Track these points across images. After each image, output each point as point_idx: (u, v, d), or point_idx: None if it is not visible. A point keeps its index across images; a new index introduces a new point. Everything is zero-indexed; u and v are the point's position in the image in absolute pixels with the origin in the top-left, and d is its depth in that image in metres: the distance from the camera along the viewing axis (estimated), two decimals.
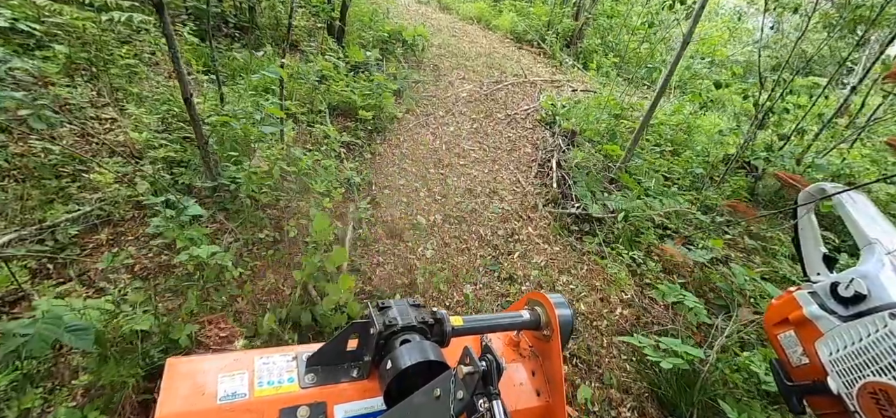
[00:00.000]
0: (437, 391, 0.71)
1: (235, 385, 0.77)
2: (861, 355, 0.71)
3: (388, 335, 0.84)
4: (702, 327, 2.96)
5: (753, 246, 4.07)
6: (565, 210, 3.99)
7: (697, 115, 6.35)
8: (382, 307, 0.88)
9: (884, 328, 0.69)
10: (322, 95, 4.29)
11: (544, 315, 0.97)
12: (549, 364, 0.98)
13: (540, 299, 0.99)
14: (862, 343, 0.72)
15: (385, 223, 3.35)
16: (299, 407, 0.77)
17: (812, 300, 0.84)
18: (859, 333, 0.73)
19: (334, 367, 0.86)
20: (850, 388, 0.73)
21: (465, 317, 0.94)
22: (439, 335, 0.89)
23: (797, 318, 0.85)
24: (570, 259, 3.55)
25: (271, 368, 0.83)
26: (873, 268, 0.77)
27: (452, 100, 5.86)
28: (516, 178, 4.55)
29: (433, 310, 0.92)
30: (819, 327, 0.81)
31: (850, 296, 0.77)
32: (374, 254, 3.10)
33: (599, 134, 5.44)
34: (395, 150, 4.36)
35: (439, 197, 3.88)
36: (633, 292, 3.26)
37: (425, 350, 0.80)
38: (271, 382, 0.80)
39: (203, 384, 0.76)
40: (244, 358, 0.83)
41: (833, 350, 0.77)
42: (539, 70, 8.23)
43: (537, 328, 0.99)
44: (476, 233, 3.57)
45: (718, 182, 4.76)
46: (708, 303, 3.20)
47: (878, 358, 0.69)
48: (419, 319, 0.87)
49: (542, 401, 0.96)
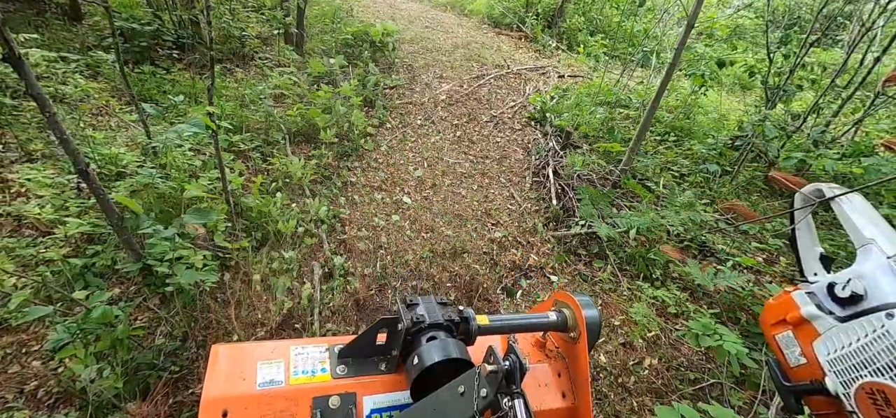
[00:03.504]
0: (462, 388, 0.72)
1: (273, 372, 0.81)
2: (858, 355, 0.72)
3: (416, 331, 0.85)
4: (745, 369, 2.51)
5: (777, 246, 3.63)
6: (569, 230, 3.49)
7: (697, 96, 5.87)
8: (410, 304, 0.89)
9: (881, 328, 0.69)
10: (279, 121, 3.69)
11: (571, 317, 0.96)
12: (576, 366, 0.97)
13: (567, 300, 0.98)
14: (859, 343, 0.72)
15: (359, 278, 2.81)
16: (331, 397, 0.80)
17: (809, 300, 0.84)
18: (856, 333, 0.73)
19: (364, 360, 0.88)
20: (847, 388, 0.73)
21: (491, 317, 0.94)
22: (465, 333, 0.90)
23: (794, 318, 0.85)
24: (581, 292, 3.06)
25: (306, 358, 0.86)
26: (870, 269, 0.76)
27: (431, 104, 5.28)
28: (510, 193, 4.03)
29: (460, 308, 0.92)
30: (816, 327, 0.81)
31: (847, 296, 0.77)
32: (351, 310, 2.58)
33: (595, 129, 4.93)
34: (368, 177, 3.79)
35: (425, 231, 3.34)
36: (656, 327, 2.80)
37: (450, 347, 0.80)
38: (306, 371, 0.83)
39: (243, 370, 0.80)
40: (281, 347, 0.87)
41: (830, 350, 0.78)
42: (521, 56, 7.65)
43: (564, 329, 0.97)
44: (470, 272, 3.05)
45: (733, 175, 4.30)
46: (743, 331, 2.76)
47: (875, 359, 0.69)
48: (446, 317, 0.88)
49: (567, 403, 0.96)
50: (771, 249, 3.57)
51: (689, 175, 4.38)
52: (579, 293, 0.96)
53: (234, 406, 0.75)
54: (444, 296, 0.90)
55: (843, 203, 0.91)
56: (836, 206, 0.92)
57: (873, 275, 0.75)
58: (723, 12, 9.01)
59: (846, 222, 0.88)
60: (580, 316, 0.94)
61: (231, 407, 0.75)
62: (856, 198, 0.91)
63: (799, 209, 1.05)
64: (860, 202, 0.91)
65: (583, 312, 0.93)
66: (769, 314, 0.93)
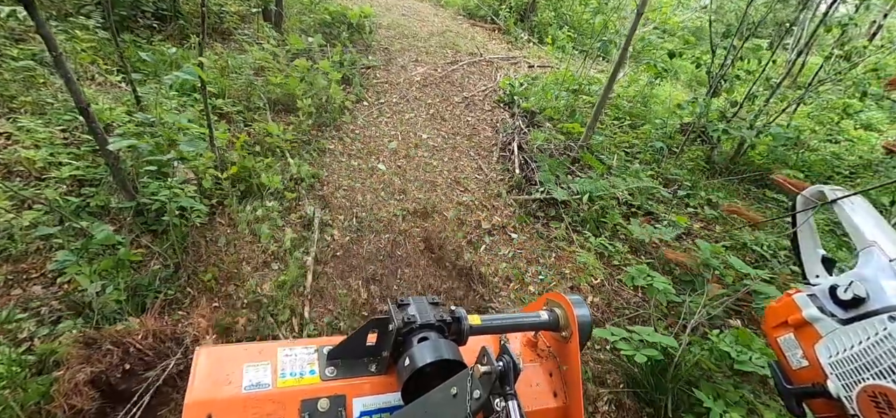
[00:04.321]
0: (454, 389, 0.71)
1: (260, 375, 0.79)
2: (860, 358, 0.71)
3: (407, 332, 0.84)
4: (672, 307, 2.92)
5: (713, 215, 4.11)
6: (530, 196, 3.84)
7: (653, 86, 6.37)
8: (401, 304, 0.89)
9: (883, 331, 0.69)
10: (259, 90, 3.89)
11: (563, 316, 0.96)
12: (567, 365, 0.97)
13: (559, 300, 0.98)
14: (861, 346, 0.71)
15: (337, 228, 3.07)
16: (320, 399, 0.79)
17: (811, 303, 0.83)
18: (859, 336, 0.73)
19: (354, 361, 0.87)
20: (849, 391, 0.73)
21: (482, 317, 0.93)
22: (457, 333, 0.89)
23: (796, 321, 0.84)
24: (537, 247, 3.42)
25: (294, 360, 0.84)
26: (872, 271, 0.76)
27: (406, 84, 5.55)
28: (478, 165, 4.36)
29: (452, 308, 0.91)
30: (818, 330, 0.81)
31: (849, 298, 0.76)
32: (330, 260, 2.84)
33: (559, 112, 5.32)
34: (345, 145, 4.04)
35: (398, 193, 3.62)
36: (602, 276, 3.18)
37: (441, 348, 0.80)
38: (293, 374, 0.82)
39: (229, 373, 0.78)
40: (268, 349, 0.85)
41: (832, 352, 0.77)
42: (494, 47, 8.00)
43: (556, 329, 0.98)
44: (439, 230, 3.36)
45: (678, 153, 4.78)
46: (675, 279, 3.18)
47: (877, 362, 0.69)
48: (437, 317, 0.87)
49: (558, 403, 0.96)
50: (706, 218, 4.04)
51: (639, 153, 4.83)
52: (570, 293, 1.00)
53: (218, 409, 0.73)
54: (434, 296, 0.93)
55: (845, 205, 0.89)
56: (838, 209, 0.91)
57: (875, 278, 0.74)
58: (683, 13, 9.64)
59: (848, 224, 0.87)
60: (572, 315, 0.93)
61: (216, 411, 0.73)
62: (858, 201, 0.90)
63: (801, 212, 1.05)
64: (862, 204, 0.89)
65: (574, 311, 0.93)
66: (771, 316, 0.91)
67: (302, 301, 2.43)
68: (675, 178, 4.45)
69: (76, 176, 2.54)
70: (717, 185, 4.66)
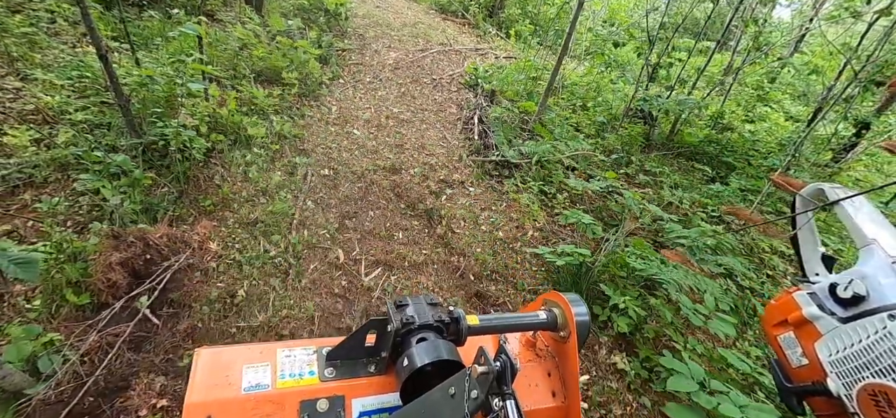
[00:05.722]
0: (452, 389, 0.72)
1: (259, 376, 0.81)
2: (860, 356, 0.72)
3: (405, 333, 0.85)
4: (597, 241, 3.54)
5: (646, 181, 4.79)
6: (487, 158, 4.41)
7: (603, 75, 7.08)
8: (400, 305, 0.90)
9: (883, 329, 0.69)
10: (245, 61, 4.31)
11: (561, 316, 0.97)
12: (566, 365, 0.98)
13: (557, 300, 0.99)
14: (861, 344, 0.72)
15: (317, 175, 3.55)
16: (319, 400, 0.80)
17: (811, 301, 0.84)
18: (859, 334, 0.73)
19: (353, 362, 0.88)
20: (849, 389, 0.74)
21: (481, 317, 0.95)
22: (455, 334, 0.90)
23: (796, 319, 0.85)
24: (491, 198, 3.99)
25: (293, 361, 0.86)
26: (872, 269, 0.77)
27: (379, 67, 6.05)
28: (443, 136, 4.90)
29: (450, 309, 0.92)
30: (818, 328, 0.81)
31: (849, 296, 0.77)
32: (309, 194, 3.31)
33: (518, 94, 5.94)
34: (323, 114, 4.51)
35: (371, 153, 4.12)
36: (544, 221, 3.78)
37: (440, 349, 0.81)
38: (293, 374, 0.83)
39: (229, 374, 0.80)
40: (268, 350, 0.87)
41: (832, 351, 0.78)
42: (464, 40, 8.59)
43: (554, 329, 0.98)
44: (406, 182, 3.88)
45: (618, 128, 5.47)
46: (605, 225, 3.80)
47: (877, 360, 0.69)
48: (436, 318, 0.89)
49: (557, 402, 0.97)
50: (641, 183, 4.72)
51: (585, 127, 5.49)
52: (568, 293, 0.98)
53: (218, 410, 0.74)
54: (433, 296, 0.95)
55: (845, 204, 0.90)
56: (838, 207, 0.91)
57: (875, 276, 0.75)
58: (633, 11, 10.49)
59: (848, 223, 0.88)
60: (570, 314, 0.94)
61: (215, 412, 0.74)
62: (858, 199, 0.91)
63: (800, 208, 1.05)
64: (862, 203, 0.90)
65: (572, 310, 0.94)
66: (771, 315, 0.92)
67: (288, 224, 2.91)
68: (614, 149, 5.12)
69: (88, 120, 2.93)
70: (653, 158, 5.37)
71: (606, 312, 2.76)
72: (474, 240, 3.42)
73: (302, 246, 2.84)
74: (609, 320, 2.74)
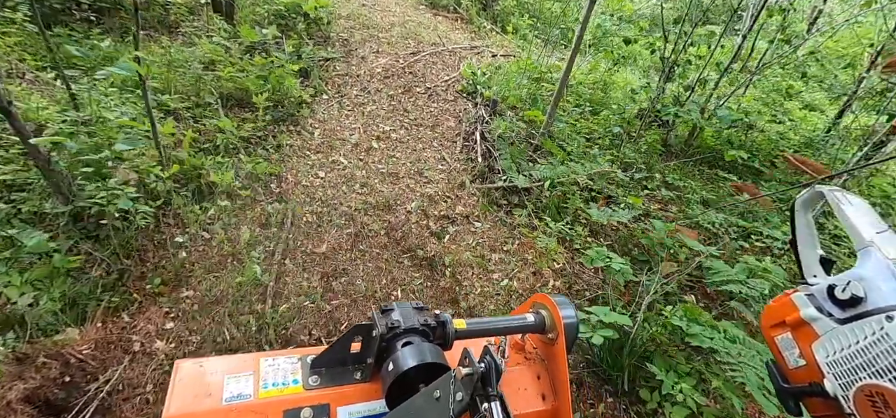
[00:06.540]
0: (437, 392, 0.71)
1: (241, 386, 0.78)
2: (858, 357, 0.73)
3: (391, 337, 0.84)
4: (629, 286, 3.02)
5: (669, 196, 4.27)
6: (493, 184, 3.87)
7: (611, 72, 6.52)
8: (385, 310, 0.89)
9: (880, 330, 0.70)
10: (210, 84, 3.72)
11: (549, 318, 0.96)
12: (554, 367, 0.96)
13: (545, 302, 0.98)
14: (859, 345, 0.73)
15: (305, 230, 3.00)
16: (303, 409, 0.78)
17: (809, 302, 0.83)
18: (856, 336, 0.74)
19: (338, 369, 0.86)
20: (846, 390, 0.74)
21: (468, 321, 0.93)
22: (442, 338, 0.89)
23: (794, 320, 0.85)
24: (500, 235, 3.46)
25: (276, 370, 0.83)
26: (870, 271, 0.77)
27: (367, 76, 5.45)
28: (441, 156, 4.35)
29: (436, 313, 0.91)
30: (816, 329, 0.81)
31: (846, 298, 0.76)
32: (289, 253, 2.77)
33: (521, 100, 5.37)
34: (304, 140, 3.94)
35: (360, 187, 3.57)
36: (563, 260, 3.26)
37: (425, 352, 0.80)
38: (276, 384, 0.81)
39: (209, 385, 0.77)
40: (250, 359, 0.85)
41: (830, 352, 0.78)
42: (457, 37, 7.97)
43: (542, 331, 0.97)
44: (403, 222, 3.33)
45: (635, 138, 4.93)
46: (633, 260, 3.29)
47: (874, 361, 0.70)
48: (422, 322, 0.87)
49: (546, 405, 0.96)
50: (663, 199, 4.20)
51: (599, 138, 4.95)
52: (556, 294, 0.97)
53: None
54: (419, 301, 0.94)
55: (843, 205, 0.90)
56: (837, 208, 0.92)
57: (873, 278, 0.75)
58: (639, 1, 9.90)
59: (846, 223, 0.88)
60: (557, 316, 0.94)
61: None
62: (857, 200, 0.91)
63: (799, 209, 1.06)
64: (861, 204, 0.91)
65: (560, 312, 0.94)
66: (768, 316, 0.93)
67: (262, 297, 2.37)
68: (632, 162, 4.59)
69: (5, 180, 2.36)
70: (673, 168, 4.84)
71: (655, 399, 2.25)
72: (485, 294, 2.90)
73: (278, 326, 2.31)
74: (659, 409, 2.23)
